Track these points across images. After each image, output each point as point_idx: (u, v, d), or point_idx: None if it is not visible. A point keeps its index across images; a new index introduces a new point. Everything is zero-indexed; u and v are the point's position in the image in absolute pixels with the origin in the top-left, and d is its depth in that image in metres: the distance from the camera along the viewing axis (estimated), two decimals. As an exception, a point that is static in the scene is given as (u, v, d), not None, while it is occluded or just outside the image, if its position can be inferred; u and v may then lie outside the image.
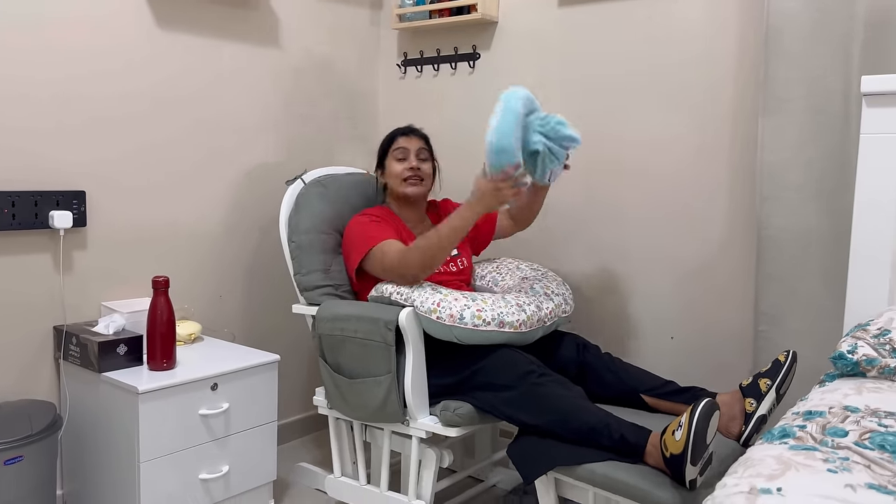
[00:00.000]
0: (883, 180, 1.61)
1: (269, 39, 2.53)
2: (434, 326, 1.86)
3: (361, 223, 2.09)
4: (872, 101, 1.61)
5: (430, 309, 1.85)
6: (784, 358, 1.73)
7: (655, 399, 1.90)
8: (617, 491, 1.55)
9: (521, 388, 1.77)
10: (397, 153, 2.15)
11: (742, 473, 0.93)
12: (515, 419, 1.78)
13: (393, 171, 2.15)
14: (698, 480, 1.50)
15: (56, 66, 2.00)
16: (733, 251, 2.14)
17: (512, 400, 1.78)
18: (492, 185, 1.81)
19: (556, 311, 2.00)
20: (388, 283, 1.97)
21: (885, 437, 1.02)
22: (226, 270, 2.47)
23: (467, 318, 1.82)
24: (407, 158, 2.14)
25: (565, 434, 1.68)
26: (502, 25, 2.57)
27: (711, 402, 1.50)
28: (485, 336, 1.84)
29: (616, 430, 1.63)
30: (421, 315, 1.86)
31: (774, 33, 1.92)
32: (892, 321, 1.44)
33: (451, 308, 1.84)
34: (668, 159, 2.24)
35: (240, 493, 2.06)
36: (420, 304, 1.87)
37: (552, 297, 2.03)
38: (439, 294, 1.88)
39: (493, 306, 1.86)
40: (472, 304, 1.85)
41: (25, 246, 1.99)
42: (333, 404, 2.08)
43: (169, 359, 1.94)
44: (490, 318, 1.83)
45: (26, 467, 1.75)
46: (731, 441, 1.73)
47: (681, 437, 1.47)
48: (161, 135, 2.25)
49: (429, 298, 1.87)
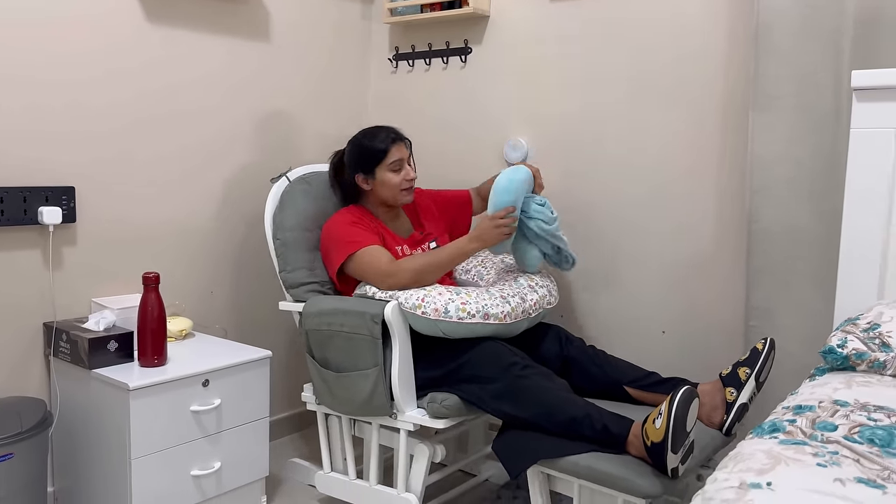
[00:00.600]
0: (873, 175, 1.61)
1: (259, 34, 2.52)
2: (420, 322, 1.87)
3: (341, 224, 2.09)
4: (862, 95, 1.62)
5: (414, 305, 1.86)
6: (762, 346, 1.76)
7: (638, 391, 1.93)
8: (600, 482, 1.57)
9: (504, 380, 1.78)
10: (394, 165, 2.12)
11: (732, 468, 0.94)
12: (500, 412, 1.80)
13: (389, 181, 2.12)
14: (680, 469, 1.52)
15: (45, 62, 1.99)
16: (724, 246, 2.15)
17: (496, 392, 1.80)
18: (492, 223, 1.98)
19: (540, 302, 2.03)
20: (370, 285, 2.00)
21: (875, 431, 1.03)
22: (216, 266, 2.46)
23: (452, 311, 1.84)
24: (403, 169, 2.13)
25: (549, 426, 1.69)
26: (494, 20, 2.56)
27: (690, 389, 1.52)
28: (470, 329, 1.85)
29: (598, 420, 1.64)
30: (406, 311, 1.87)
31: (764, 29, 1.92)
32: (882, 315, 1.45)
33: (435, 302, 1.85)
34: (660, 154, 2.24)
35: (232, 489, 2.06)
36: (405, 301, 1.88)
37: (536, 288, 2.06)
38: (423, 290, 1.90)
39: (477, 299, 1.88)
40: (456, 298, 1.87)
41: (14, 242, 1.97)
42: (321, 399, 2.08)
43: (160, 355, 1.93)
44: (475, 310, 1.85)
45: (17, 464, 1.74)
46: (714, 430, 1.75)
47: (661, 426, 1.49)
48: (151, 131, 2.24)
49: (413, 294, 1.88)
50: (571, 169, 2.41)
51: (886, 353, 1.36)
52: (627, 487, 1.53)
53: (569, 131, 2.41)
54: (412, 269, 1.96)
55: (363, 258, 2.01)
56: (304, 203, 2.19)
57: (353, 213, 2.14)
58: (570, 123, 2.41)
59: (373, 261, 2.00)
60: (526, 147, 2.49)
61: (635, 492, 1.52)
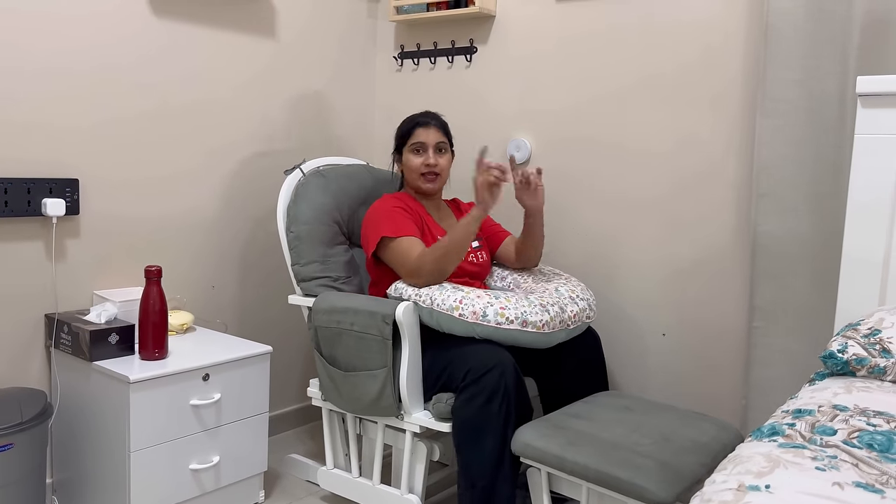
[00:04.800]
0: (876, 180, 1.61)
1: (266, 30, 2.52)
2: (456, 325, 1.84)
3: (388, 208, 2.06)
4: (868, 101, 1.62)
5: (451, 306, 1.83)
6: None
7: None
8: (610, 486, 1.55)
9: (462, 397, 1.82)
10: (415, 146, 2.10)
11: (731, 470, 0.94)
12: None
13: (410, 164, 2.11)
14: None
15: (51, 54, 1.99)
16: (727, 248, 2.15)
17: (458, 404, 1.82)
18: (480, 176, 1.90)
19: (580, 315, 1.97)
20: (405, 284, 1.96)
21: (874, 436, 1.03)
22: (219, 261, 2.46)
23: (490, 315, 1.80)
24: (425, 152, 2.10)
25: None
26: (500, 19, 2.56)
27: None
28: (508, 335, 1.82)
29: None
30: (441, 313, 1.84)
31: (773, 33, 1.92)
32: (883, 321, 1.45)
33: (473, 305, 1.82)
34: (665, 156, 2.24)
35: (230, 483, 2.06)
36: (441, 303, 1.84)
37: (577, 300, 1.99)
38: (461, 291, 1.86)
39: (516, 305, 1.83)
40: (495, 302, 1.83)
41: (17, 233, 1.98)
42: (327, 396, 2.08)
43: (161, 348, 1.93)
44: (514, 316, 1.81)
45: (16, 455, 1.75)
46: (730, 432, 1.73)
47: None
48: (156, 124, 2.24)
49: (450, 296, 1.85)
50: (575, 169, 2.41)
51: (887, 359, 1.36)
52: (638, 493, 1.50)
53: (572, 132, 2.41)
54: (433, 258, 1.91)
55: (399, 247, 1.97)
56: (320, 197, 2.18)
57: (398, 199, 2.10)
58: (573, 124, 2.41)
59: (404, 252, 1.95)
60: (529, 147, 2.49)
61: (645, 497, 1.49)
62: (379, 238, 2.00)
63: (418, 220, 2.08)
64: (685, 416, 1.81)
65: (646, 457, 1.57)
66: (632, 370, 2.34)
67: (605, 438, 1.65)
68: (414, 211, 2.09)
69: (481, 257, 2.16)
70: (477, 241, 2.18)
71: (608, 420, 1.75)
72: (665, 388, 2.27)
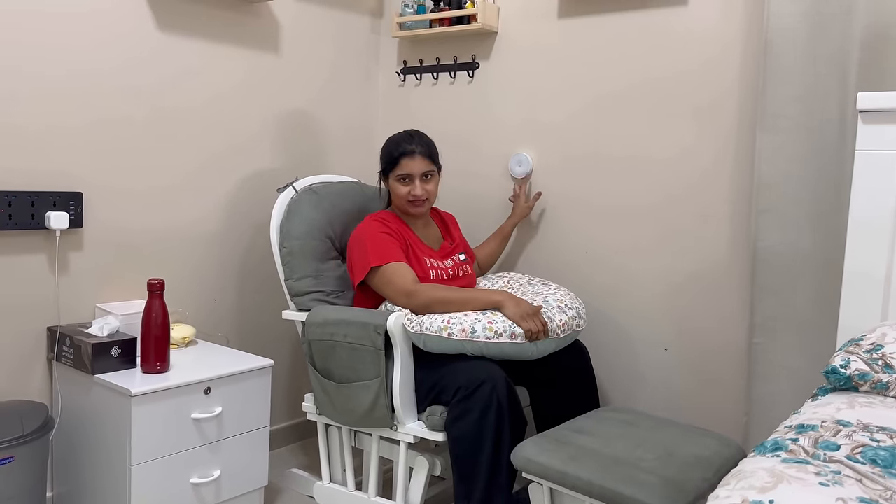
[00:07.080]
0: (877, 196, 1.62)
1: (269, 46, 2.54)
2: (445, 344, 1.85)
3: (374, 232, 2.06)
4: (868, 117, 1.63)
5: (440, 327, 1.84)
6: None
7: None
8: (613, 502, 1.53)
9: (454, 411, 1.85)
10: (401, 177, 2.10)
11: (734, 485, 0.93)
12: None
13: (397, 192, 2.12)
14: None
15: (56, 67, 2.01)
16: (728, 263, 2.15)
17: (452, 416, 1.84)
18: (532, 311, 1.86)
19: (569, 324, 1.97)
20: (394, 306, 1.98)
21: (877, 451, 1.03)
22: (221, 274, 2.47)
23: (479, 330, 1.82)
24: (412, 182, 2.10)
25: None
26: (502, 36, 2.58)
27: None
28: (497, 348, 1.83)
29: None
30: (430, 335, 1.85)
31: (772, 49, 1.94)
32: (885, 336, 1.45)
33: (461, 323, 1.83)
34: (666, 171, 2.25)
35: (231, 497, 2.05)
36: (429, 326, 1.86)
37: (566, 310, 2.00)
38: (447, 314, 1.89)
39: (503, 318, 1.85)
40: (482, 318, 1.84)
41: (21, 246, 1.98)
42: (322, 410, 2.08)
43: (163, 362, 1.93)
44: (502, 329, 1.82)
45: (17, 468, 1.74)
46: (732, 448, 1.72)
47: None
48: (159, 138, 2.25)
49: (438, 318, 1.86)
50: (576, 184, 2.42)
51: (889, 375, 1.36)
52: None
53: (574, 147, 2.42)
54: (432, 297, 1.93)
55: (386, 274, 1.99)
56: (312, 213, 2.20)
57: (383, 221, 2.10)
58: (575, 140, 2.42)
59: (395, 278, 1.98)
60: (531, 162, 2.50)
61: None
62: (367, 269, 2.02)
63: (402, 242, 2.09)
64: (687, 431, 1.80)
65: (649, 472, 1.56)
66: (633, 385, 2.34)
67: (608, 454, 1.64)
68: (398, 233, 2.10)
69: (467, 271, 2.19)
70: (463, 254, 2.22)
71: (611, 435, 1.75)
72: (666, 403, 2.27)
